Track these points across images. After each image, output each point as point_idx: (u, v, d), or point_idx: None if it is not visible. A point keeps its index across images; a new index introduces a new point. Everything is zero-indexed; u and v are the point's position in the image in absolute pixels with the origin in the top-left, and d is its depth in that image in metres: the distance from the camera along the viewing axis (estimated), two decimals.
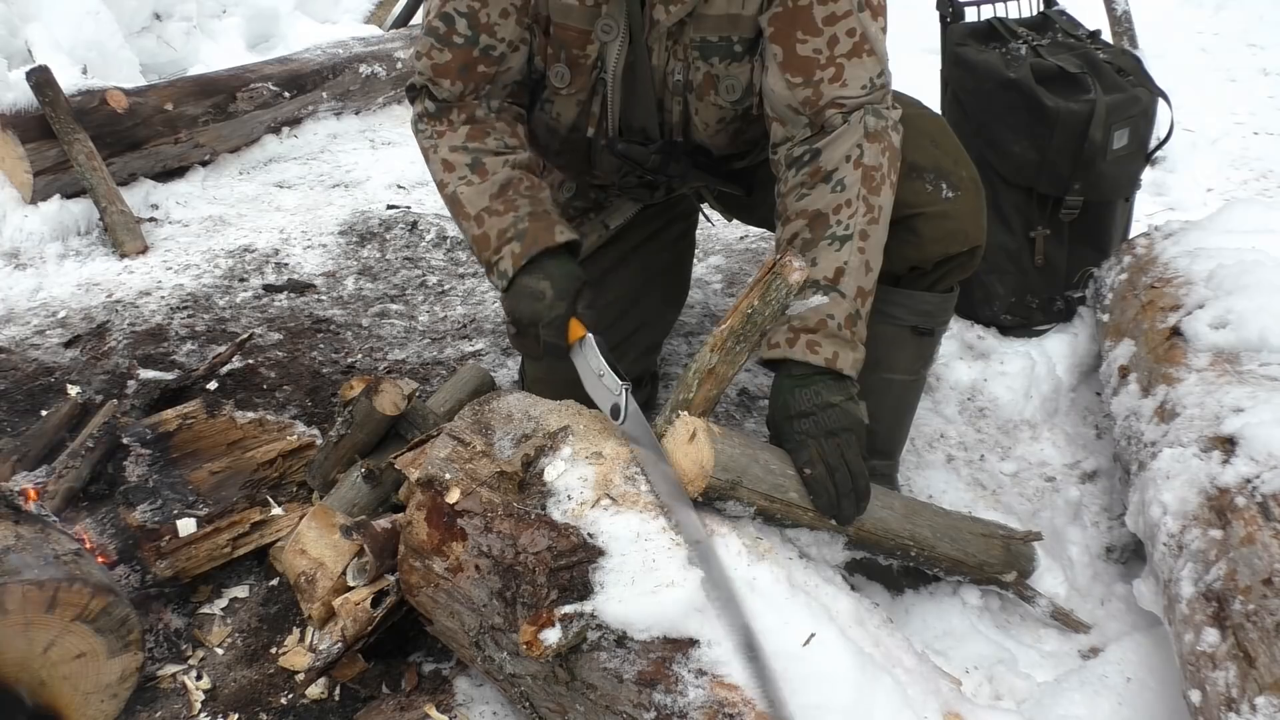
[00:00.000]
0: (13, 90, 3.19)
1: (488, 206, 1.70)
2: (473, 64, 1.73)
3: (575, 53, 1.73)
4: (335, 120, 4.24)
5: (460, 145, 1.74)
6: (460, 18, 1.70)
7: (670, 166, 1.87)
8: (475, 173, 1.72)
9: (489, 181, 1.71)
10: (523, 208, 1.69)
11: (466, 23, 1.70)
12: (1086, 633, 1.80)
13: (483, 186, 1.71)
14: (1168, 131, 2.62)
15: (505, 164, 1.73)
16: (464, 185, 1.72)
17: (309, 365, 2.54)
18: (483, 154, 1.73)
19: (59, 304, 2.82)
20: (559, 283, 1.62)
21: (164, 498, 1.83)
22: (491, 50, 1.72)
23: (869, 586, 1.79)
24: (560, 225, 1.69)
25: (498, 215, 1.69)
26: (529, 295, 1.63)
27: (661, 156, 1.85)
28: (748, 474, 1.44)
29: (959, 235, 1.79)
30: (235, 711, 1.62)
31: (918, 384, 1.97)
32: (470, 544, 1.48)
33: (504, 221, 1.68)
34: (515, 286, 1.65)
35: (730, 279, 3.01)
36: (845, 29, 1.63)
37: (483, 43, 1.71)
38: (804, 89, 1.65)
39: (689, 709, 1.27)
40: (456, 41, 1.71)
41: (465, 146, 1.74)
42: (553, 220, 1.69)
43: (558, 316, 1.60)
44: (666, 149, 1.85)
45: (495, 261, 1.68)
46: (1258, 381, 1.71)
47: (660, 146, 1.84)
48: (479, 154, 1.73)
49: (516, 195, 1.70)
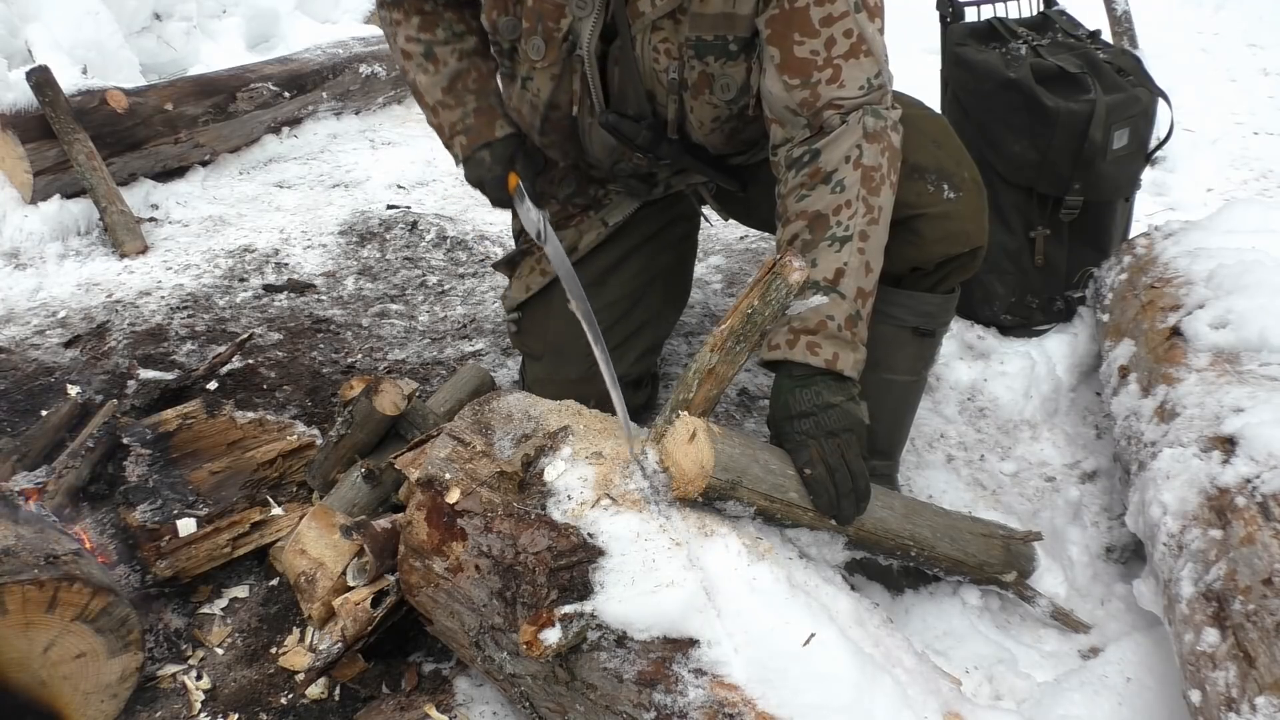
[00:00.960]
0: (13, 90, 3.20)
1: (440, 100, 1.95)
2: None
3: (549, 25, 1.76)
4: (335, 120, 4.24)
5: (414, 35, 1.94)
6: None
7: (661, 146, 1.88)
8: (429, 61, 1.94)
9: (440, 74, 1.94)
10: (469, 103, 1.94)
11: None
12: (1086, 633, 1.80)
13: (435, 78, 1.94)
14: (1168, 131, 2.62)
15: (454, 53, 1.94)
16: (421, 74, 1.96)
17: (309, 365, 2.54)
18: (434, 44, 1.94)
19: (59, 304, 2.82)
20: (497, 151, 1.94)
21: (164, 498, 1.83)
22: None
23: (869, 586, 1.79)
24: (500, 120, 1.95)
25: (449, 109, 1.95)
26: (475, 163, 1.95)
27: (652, 133, 1.86)
28: (748, 474, 1.44)
29: (961, 236, 1.79)
30: (235, 711, 1.62)
31: (918, 385, 1.97)
32: (470, 544, 1.48)
33: (454, 115, 1.95)
34: (467, 162, 1.97)
35: (730, 279, 3.01)
36: (842, 30, 1.63)
37: None
38: (801, 90, 1.65)
39: (689, 709, 1.27)
40: None
41: (419, 38, 1.94)
42: (495, 115, 1.95)
43: (497, 175, 1.93)
44: (657, 126, 1.86)
45: (450, 146, 1.98)
46: (1258, 381, 1.70)
47: (650, 124, 1.85)
48: (430, 44, 1.94)
49: (464, 90, 1.94)
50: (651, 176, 2.05)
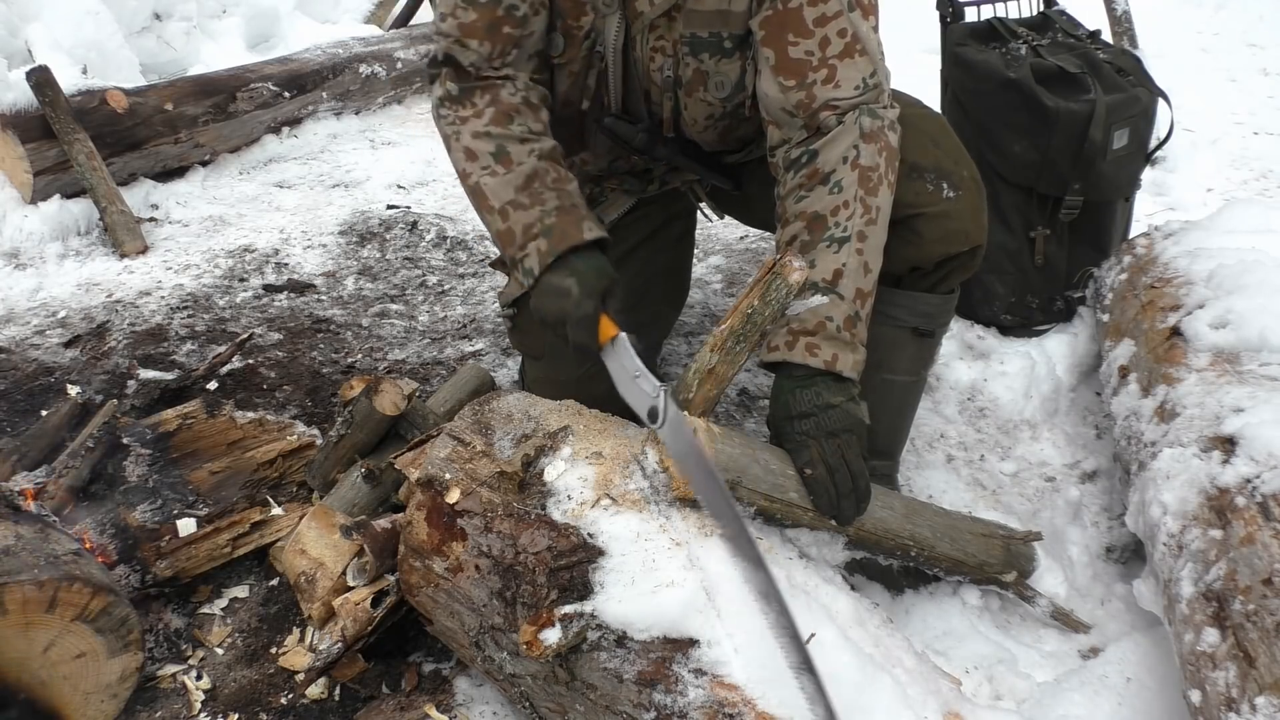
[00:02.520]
0: (13, 90, 3.19)
1: (513, 200, 1.63)
2: (498, 23, 1.67)
3: (570, 23, 1.73)
4: (335, 120, 4.24)
5: (484, 131, 1.67)
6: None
7: (658, 148, 1.87)
8: (499, 162, 1.65)
9: (514, 173, 1.64)
10: (549, 201, 1.62)
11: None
12: (1086, 633, 1.80)
13: (508, 178, 1.64)
14: (1168, 131, 2.62)
15: (531, 153, 1.66)
16: (488, 176, 1.65)
17: (309, 365, 2.54)
18: (508, 141, 1.66)
19: (59, 304, 2.82)
20: (586, 279, 1.54)
21: (164, 498, 1.83)
22: (515, 10, 1.67)
23: (869, 586, 1.79)
24: (589, 221, 1.62)
25: (523, 209, 1.62)
26: (556, 293, 1.56)
27: (648, 136, 1.85)
28: (748, 474, 1.44)
29: (960, 235, 1.79)
30: (235, 711, 1.62)
31: (918, 385, 1.97)
32: (470, 544, 1.48)
33: (530, 216, 1.61)
34: (541, 285, 1.59)
35: (730, 279, 3.01)
36: (836, 30, 1.62)
37: (506, 2, 1.66)
38: (797, 92, 1.65)
39: (689, 709, 1.27)
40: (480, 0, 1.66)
41: (489, 132, 1.67)
42: (581, 215, 1.62)
43: (586, 315, 1.51)
44: (653, 129, 1.86)
45: (521, 259, 1.61)
46: (1258, 381, 1.70)
47: (647, 126, 1.85)
48: (504, 140, 1.66)
49: (543, 188, 1.63)
50: (647, 173, 2.05)
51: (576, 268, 1.56)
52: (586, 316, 1.51)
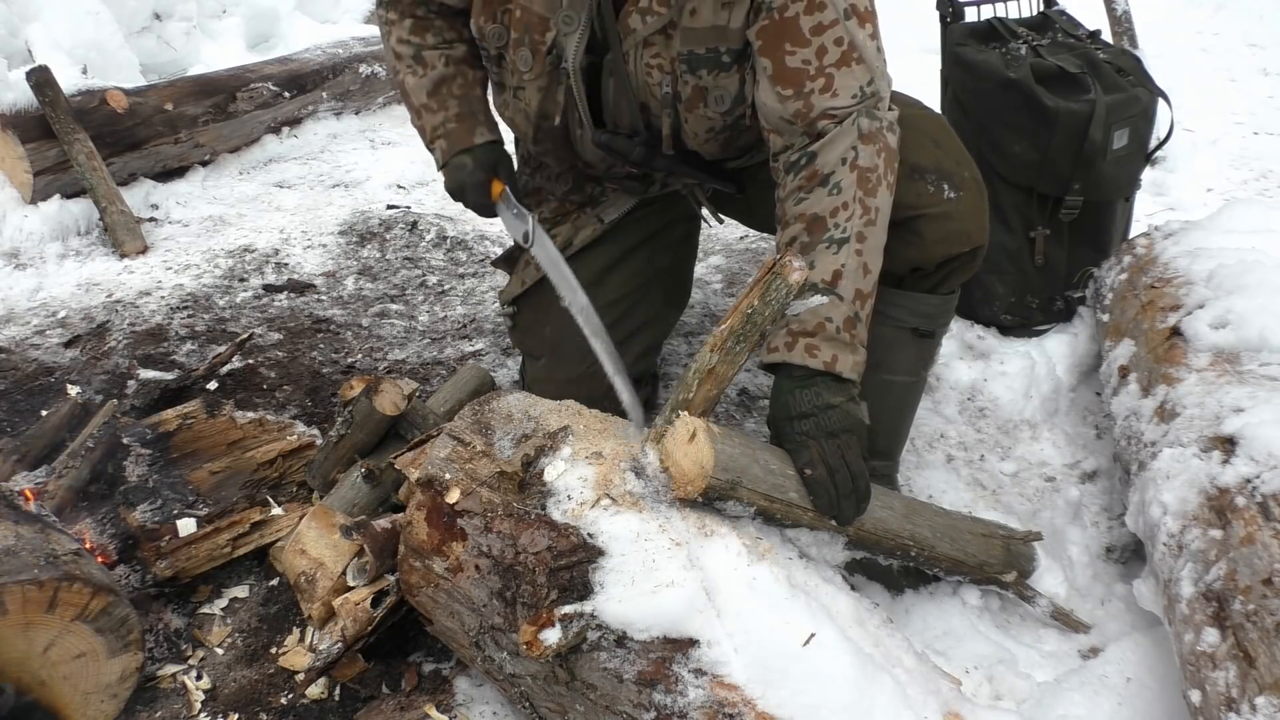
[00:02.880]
0: (13, 90, 3.20)
1: (425, 103, 1.94)
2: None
3: (535, 38, 1.77)
4: (335, 120, 4.24)
5: (405, 38, 1.94)
6: None
7: (655, 160, 1.88)
8: (418, 64, 1.94)
9: (427, 77, 1.93)
10: (451, 108, 1.93)
11: None
12: (1086, 633, 1.80)
13: (422, 81, 1.94)
14: (1168, 131, 2.62)
15: (442, 58, 1.94)
16: (410, 75, 1.95)
17: (309, 365, 2.54)
18: (423, 48, 1.94)
19: (59, 304, 2.82)
20: (478, 155, 1.91)
21: (164, 498, 1.83)
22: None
23: (869, 586, 1.79)
24: (481, 127, 1.93)
25: (431, 112, 1.94)
26: (455, 168, 1.92)
27: (645, 149, 1.87)
28: (748, 474, 1.44)
29: (961, 236, 1.79)
30: (235, 711, 1.62)
31: (918, 385, 1.97)
32: (470, 544, 1.48)
33: (436, 119, 1.93)
34: (447, 167, 1.94)
35: (730, 279, 3.01)
36: (833, 38, 1.62)
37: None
38: (795, 101, 1.64)
39: (689, 709, 1.27)
40: None
41: (409, 40, 1.94)
42: (476, 122, 1.93)
43: (478, 181, 1.90)
44: (650, 141, 1.86)
45: (431, 149, 1.97)
46: (1258, 381, 1.70)
47: (644, 139, 1.86)
48: (420, 48, 1.94)
49: (448, 95, 1.93)
50: (648, 176, 2.06)
51: (474, 152, 1.93)
52: (479, 182, 1.90)
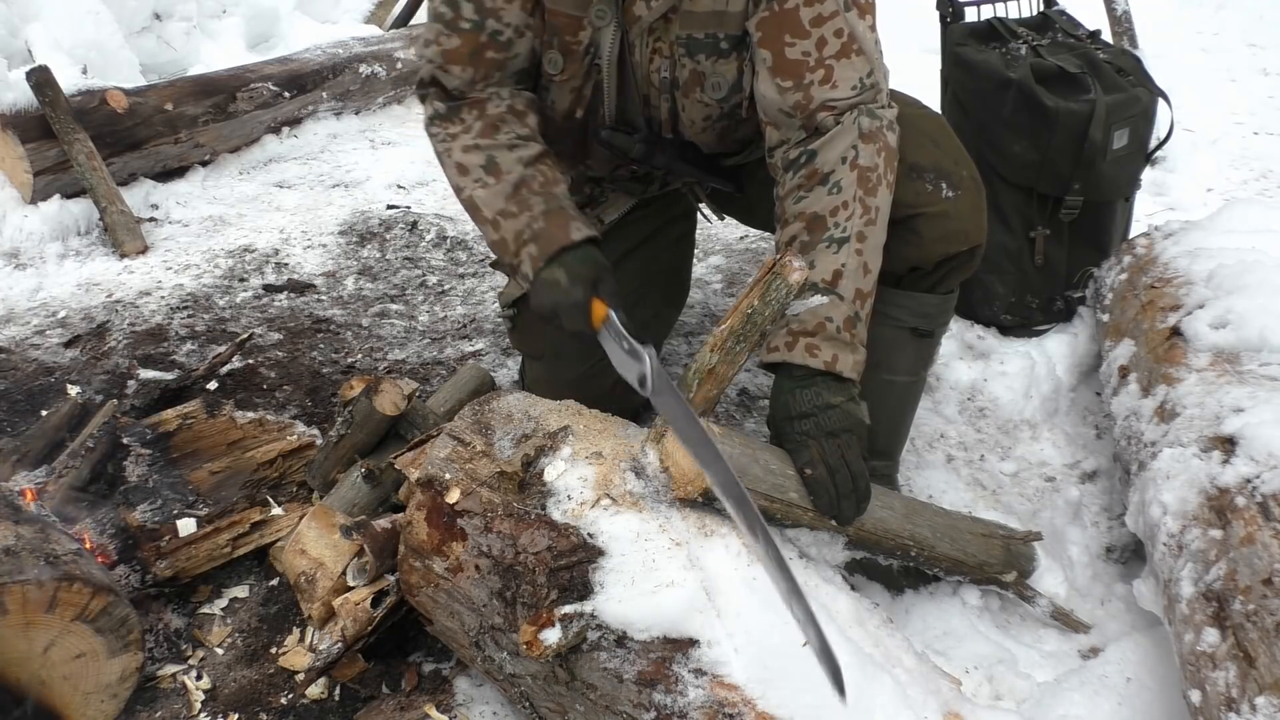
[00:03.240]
0: (13, 90, 3.19)
1: (503, 209, 1.67)
2: (481, 49, 1.71)
3: (568, 39, 1.73)
4: (335, 120, 4.24)
5: (473, 144, 1.71)
6: (466, 3, 1.69)
7: (656, 157, 1.88)
8: (489, 174, 1.70)
9: (503, 182, 1.68)
10: (536, 207, 1.66)
11: (473, 7, 1.69)
12: (1086, 633, 1.80)
13: (497, 189, 1.68)
14: (1168, 131, 2.62)
15: (518, 160, 1.70)
16: (479, 188, 1.70)
17: (309, 365, 2.54)
18: (495, 150, 1.70)
19: (59, 304, 2.82)
20: (574, 269, 1.60)
21: (164, 498, 1.83)
22: (499, 35, 1.71)
23: (869, 586, 1.79)
24: (575, 222, 1.66)
25: (513, 218, 1.66)
26: (548, 286, 1.61)
27: (646, 146, 1.85)
28: (748, 474, 1.44)
29: (960, 235, 1.79)
30: (235, 711, 1.62)
31: (918, 385, 1.97)
32: (470, 544, 1.48)
33: (519, 224, 1.66)
34: (535, 284, 1.64)
35: (730, 279, 3.01)
36: (833, 30, 1.62)
37: (489, 27, 1.70)
38: (794, 93, 1.65)
39: (689, 709, 1.27)
40: (464, 26, 1.70)
41: (478, 145, 1.71)
42: (568, 217, 1.66)
43: (576, 302, 1.57)
44: (650, 139, 1.86)
45: (517, 265, 1.67)
46: (1258, 381, 1.70)
47: (644, 137, 1.85)
48: (492, 151, 1.70)
49: (530, 194, 1.67)
50: (648, 176, 2.06)
51: (566, 262, 1.61)
52: (577, 303, 1.57)
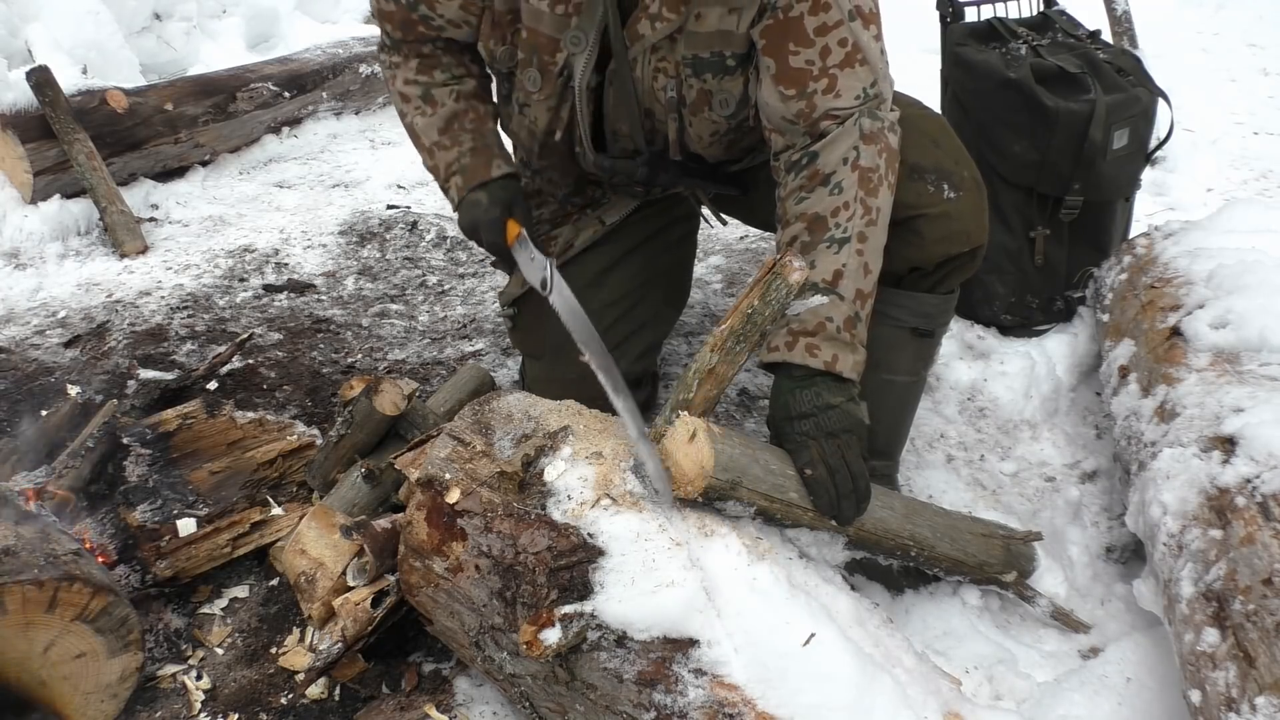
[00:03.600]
0: (13, 90, 3.20)
1: (437, 141, 1.89)
2: (412, 23, 1.85)
3: (545, 59, 1.76)
4: (335, 120, 4.24)
5: (412, 78, 1.90)
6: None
7: (659, 177, 1.90)
8: (427, 104, 1.90)
9: (437, 115, 1.89)
10: (465, 142, 1.87)
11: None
12: (1086, 633, 1.80)
13: (432, 119, 1.89)
14: (1168, 131, 2.62)
15: (452, 94, 1.90)
16: (419, 116, 1.90)
17: (309, 365, 2.54)
18: (432, 86, 1.90)
19: (59, 304, 2.82)
20: (493, 193, 1.82)
21: (164, 498, 1.83)
22: (430, 20, 1.84)
23: (869, 586, 1.79)
24: (498, 160, 1.86)
25: (444, 149, 1.88)
26: (470, 206, 1.84)
27: (649, 169, 1.88)
28: (748, 474, 1.44)
29: (961, 235, 1.79)
30: (235, 711, 1.62)
31: (918, 385, 1.97)
32: (470, 544, 1.48)
33: (449, 155, 1.87)
34: (461, 205, 1.87)
35: (730, 279, 3.01)
36: (837, 39, 1.62)
37: (421, 11, 1.82)
38: (798, 101, 1.64)
39: (689, 709, 1.27)
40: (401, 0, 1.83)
41: (416, 80, 1.90)
42: (491, 155, 1.86)
43: (493, 219, 1.80)
44: (653, 161, 1.87)
45: (446, 189, 1.90)
46: (1258, 381, 1.70)
47: (647, 159, 1.86)
48: (428, 86, 1.90)
49: (461, 130, 1.88)
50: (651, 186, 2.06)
51: (489, 188, 1.84)
52: (494, 219, 1.80)
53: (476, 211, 1.83)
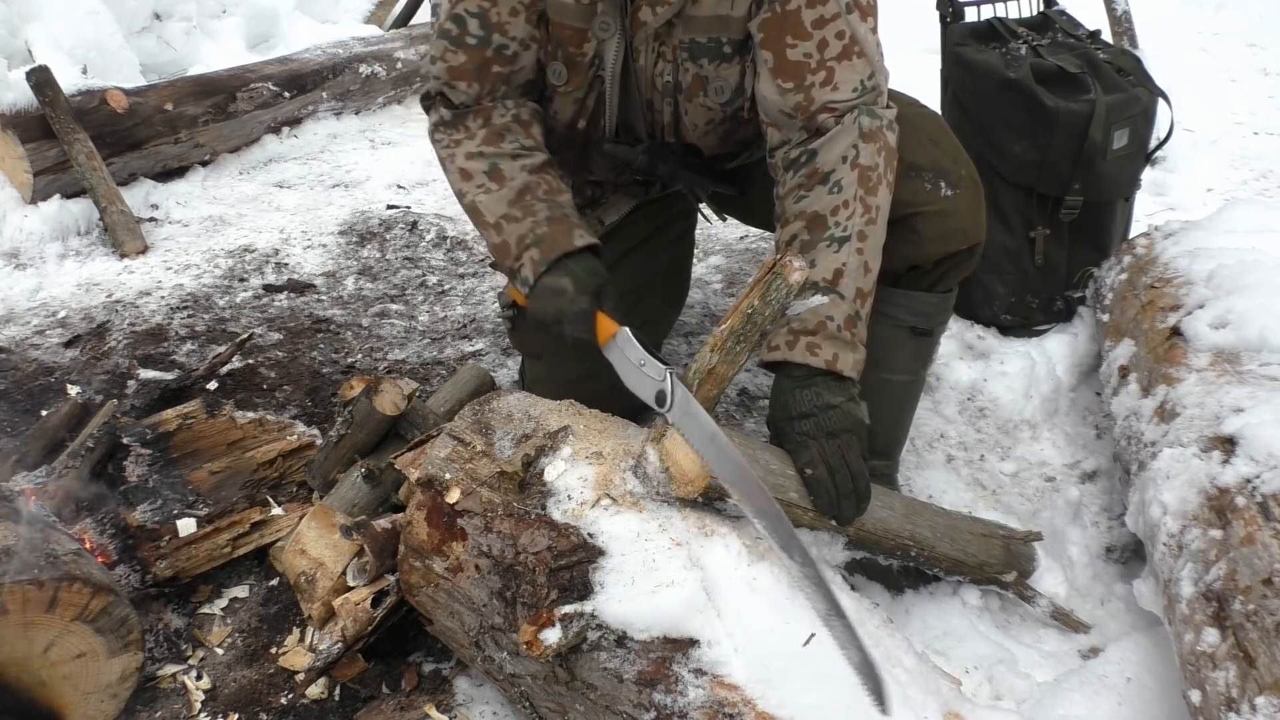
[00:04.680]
0: (13, 90, 3.19)
1: (506, 214, 1.68)
2: (487, 64, 1.73)
3: (572, 50, 1.74)
4: (335, 120, 4.24)
5: (477, 151, 1.73)
6: (471, 18, 1.70)
7: (658, 167, 1.88)
8: (492, 179, 1.71)
9: (506, 188, 1.69)
10: (540, 212, 1.67)
11: (478, 23, 1.70)
12: (1086, 633, 1.80)
13: (500, 194, 1.69)
14: (1168, 131, 2.62)
15: (522, 168, 1.72)
16: (482, 193, 1.71)
17: (309, 365, 2.54)
18: (499, 159, 1.72)
19: (59, 304, 2.82)
20: (579, 278, 1.59)
21: (164, 498, 1.83)
22: (505, 49, 1.72)
23: (869, 586, 1.79)
24: (579, 229, 1.66)
25: (516, 222, 1.66)
26: (551, 293, 1.60)
27: (648, 157, 1.86)
28: None
29: (958, 233, 1.79)
30: (235, 711, 1.62)
31: (917, 384, 1.97)
32: (470, 544, 1.48)
33: (522, 228, 1.65)
34: (536, 289, 1.63)
35: (730, 279, 3.01)
36: (834, 31, 1.63)
37: (495, 42, 1.71)
38: (795, 94, 1.65)
39: (689, 709, 1.27)
40: (470, 42, 1.71)
41: (482, 152, 1.72)
42: (571, 224, 1.66)
43: (581, 311, 1.56)
44: (653, 150, 1.86)
45: (517, 269, 1.65)
46: (1258, 381, 1.70)
47: (647, 147, 1.85)
48: (495, 159, 1.72)
49: (534, 200, 1.68)
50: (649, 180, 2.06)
51: (570, 269, 1.61)
52: (582, 312, 1.56)
53: (560, 301, 1.58)
